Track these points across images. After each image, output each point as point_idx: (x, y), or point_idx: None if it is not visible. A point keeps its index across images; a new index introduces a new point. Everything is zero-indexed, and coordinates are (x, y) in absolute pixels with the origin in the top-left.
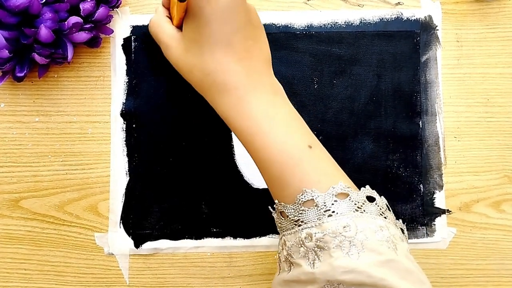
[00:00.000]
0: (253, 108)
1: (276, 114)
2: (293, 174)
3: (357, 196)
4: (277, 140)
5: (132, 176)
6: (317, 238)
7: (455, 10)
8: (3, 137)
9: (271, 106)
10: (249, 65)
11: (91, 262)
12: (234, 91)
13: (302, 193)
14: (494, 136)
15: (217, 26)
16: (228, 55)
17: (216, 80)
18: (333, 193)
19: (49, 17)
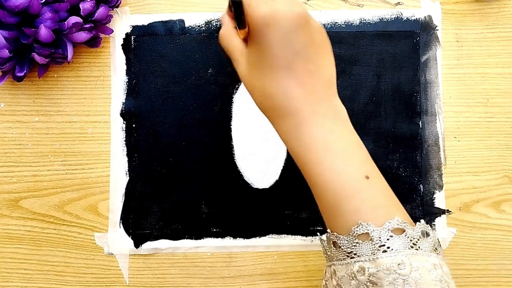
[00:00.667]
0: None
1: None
2: (348, 205)
3: (412, 231)
4: (334, 169)
5: (132, 176)
6: (370, 273)
7: (455, 10)
8: (3, 137)
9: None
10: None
11: (91, 262)
12: (293, 117)
13: (357, 226)
14: (494, 136)
15: (277, 50)
16: (288, 79)
17: (276, 104)
18: (389, 228)
19: (49, 17)
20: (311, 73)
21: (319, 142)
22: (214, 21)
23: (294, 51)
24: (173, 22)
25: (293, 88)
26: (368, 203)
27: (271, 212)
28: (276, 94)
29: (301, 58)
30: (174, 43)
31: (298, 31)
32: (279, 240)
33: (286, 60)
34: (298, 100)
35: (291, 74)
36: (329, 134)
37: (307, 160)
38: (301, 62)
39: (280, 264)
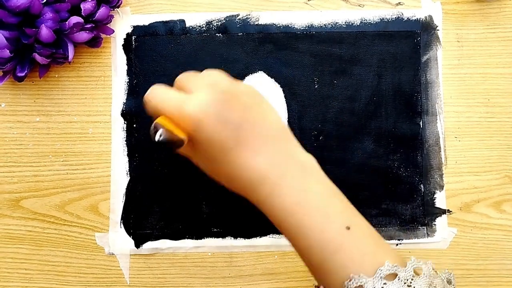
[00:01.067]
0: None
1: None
2: (335, 261)
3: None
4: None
5: (133, 176)
6: None
7: (455, 10)
8: (4, 137)
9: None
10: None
11: (92, 262)
12: (263, 186)
13: (349, 280)
14: (494, 136)
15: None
16: (243, 153)
17: (242, 180)
18: (381, 275)
19: (50, 17)
20: (262, 136)
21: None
22: (215, 21)
23: (234, 126)
24: (174, 22)
25: (252, 159)
26: (354, 254)
27: None
28: (239, 171)
29: (243, 128)
30: (175, 43)
31: (228, 108)
32: (279, 240)
33: (233, 138)
34: (262, 168)
35: (245, 147)
36: (301, 193)
37: (286, 225)
38: (247, 131)
39: (281, 264)
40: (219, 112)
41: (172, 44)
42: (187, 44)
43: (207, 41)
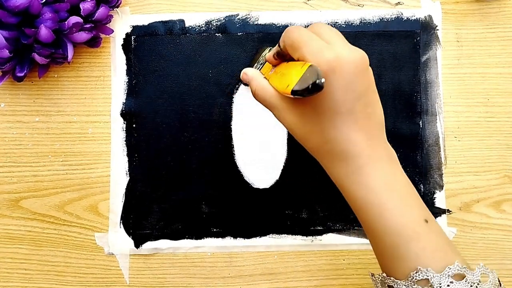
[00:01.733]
0: (372, 178)
1: (394, 185)
2: (409, 249)
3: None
4: (394, 213)
5: (132, 176)
6: None
7: (455, 10)
8: (3, 137)
9: (389, 175)
10: (369, 133)
11: (92, 262)
12: (353, 161)
13: (416, 271)
14: (494, 136)
15: (340, 96)
16: (349, 123)
17: (335, 148)
18: (449, 274)
19: (49, 17)
20: (369, 116)
21: (379, 185)
22: (214, 21)
23: (356, 95)
24: (173, 22)
25: (355, 132)
26: (428, 247)
27: (271, 212)
28: (336, 138)
29: (361, 102)
30: (174, 43)
31: (360, 75)
32: (279, 240)
33: (348, 105)
34: (359, 144)
35: (352, 119)
36: (388, 177)
37: (367, 202)
38: (361, 106)
39: (281, 264)
40: (352, 74)
41: (172, 44)
42: (187, 44)
43: (207, 41)
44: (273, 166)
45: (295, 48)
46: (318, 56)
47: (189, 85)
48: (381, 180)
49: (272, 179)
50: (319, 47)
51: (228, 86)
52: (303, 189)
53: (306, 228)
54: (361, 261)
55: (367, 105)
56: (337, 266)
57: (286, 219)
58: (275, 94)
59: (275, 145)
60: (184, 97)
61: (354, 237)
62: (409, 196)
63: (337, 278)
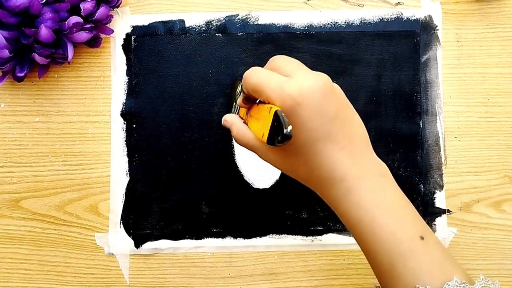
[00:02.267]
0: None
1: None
2: (405, 267)
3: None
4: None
5: (132, 176)
6: None
7: (455, 10)
8: (3, 137)
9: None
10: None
11: (92, 262)
12: (342, 183)
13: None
14: (494, 136)
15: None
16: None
17: (322, 174)
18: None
19: (49, 17)
20: (348, 135)
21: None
22: (214, 21)
23: (328, 118)
24: (173, 22)
25: (337, 154)
26: (424, 264)
27: (272, 212)
28: (321, 164)
29: (337, 123)
30: (174, 43)
31: (327, 98)
32: (279, 240)
33: (324, 129)
34: (344, 165)
35: (332, 141)
36: (378, 193)
37: (359, 222)
38: (338, 126)
39: (281, 264)
40: (318, 101)
41: (172, 44)
42: (187, 44)
43: (207, 41)
44: (273, 166)
45: (257, 92)
46: (280, 94)
47: (189, 85)
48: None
49: (272, 179)
50: (279, 84)
51: (228, 86)
52: (303, 189)
53: (306, 228)
54: (361, 261)
55: (344, 123)
56: (337, 266)
57: (286, 219)
58: (254, 137)
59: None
60: (184, 97)
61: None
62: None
63: (337, 278)
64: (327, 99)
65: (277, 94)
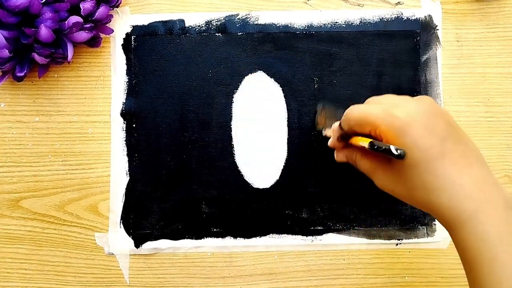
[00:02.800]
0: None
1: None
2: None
3: None
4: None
5: (132, 176)
6: None
7: (455, 9)
8: (3, 137)
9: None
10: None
11: (92, 262)
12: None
13: None
14: (494, 135)
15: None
16: (447, 166)
17: (442, 197)
18: None
19: (49, 16)
20: (465, 154)
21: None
22: (214, 21)
23: (440, 137)
24: (173, 22)
25: (457, 173)
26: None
27: (271, 212)
28: (441, 184)
29: (449, 141)
30: (174, 43)
31: (434, 117)
32: (279, 240)
33: (437, 148)
34: (467, 186)
35: (448, 160)
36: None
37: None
38: (451, 145)
39: (281, 264)
40: (427, 120)
41: (172, 44)
42: (187, 44)
43: (207, 41)
44: (273, 166)
45: (362, 124)
46: (387, 118)
47: (189, 85)
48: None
49: (272, 179)
50: (385, 110)
51: (228, 86)
52: (303, 189)
53: (306, 228)
54: (361, 261)
55: (457, 142)
56: (337, 266)
57: (286, 219)
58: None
59: (275, 145)
60: (184, 97)
61: (354, 237)
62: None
63: (337, 278)
64: (435, 118)
65: (383, 119)
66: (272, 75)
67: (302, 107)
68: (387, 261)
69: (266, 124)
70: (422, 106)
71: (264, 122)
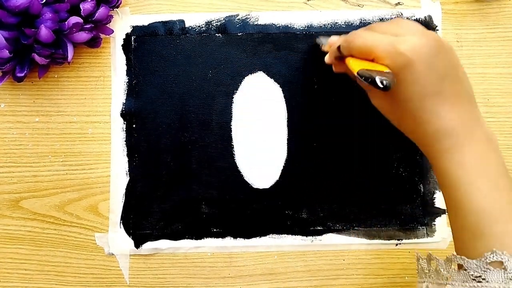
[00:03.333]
0: (465, 157)
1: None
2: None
3: None
4: (483, 193)
5: (132, 176)
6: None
7: (455, 10)
8: (3, 137)
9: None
10: (461, 111)
11: (92, 262)
12: (449, 139)
13: (491, 253)
14: None
15: (424, 80)
16: (440, 103)
17: (428, 129)
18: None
19: (49, 17)
20: (458, 93)
21: (473, 163)
22: (214, 21)
23: (439, 75)
24: (173, 23)
25: (447, 110)
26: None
27: (271, 212)
28: (430, 119)
29: (447, 80)
30: (174, 43)
31: (439, 55)
32: (279, 240)
33: (434, 86)
34: (453, 121)
35: (442, 98)
36: (482, 157)
37: (457, 179)
38: (448, 84)
39: (281, 264)
40: (430, 57)
41: (172, 44)
42: (187, 44)
43: (207, 41)
44: (273, 166)
45: (365, 53)
46: (393, 52)
47: (189, 85)
48: (474, 159)
49: (272, 179)
50: (390, 43)
51: (228, 86)
52: (303, 189)
53: (306, 228)
54: (361, 261)
55: (454, 82)
56: (337, 266)
57: (286, 219)
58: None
59: (275, 145)
60: (184, 97)
61: (354, 237)
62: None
63: (337, 278)
64: (439, 56)
65: (388, 52)
66: (272, 75)
67: (302, 107)
68: (387, 261)
69: (266, 124)
70: (428, 43)
71: (264, 122)
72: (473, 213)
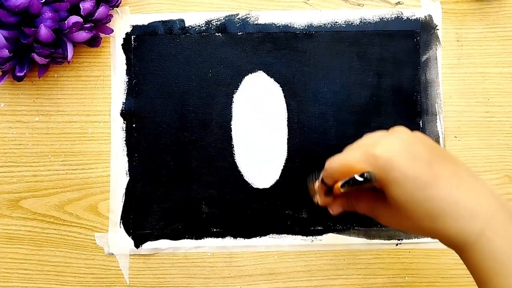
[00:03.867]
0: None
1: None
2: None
3: None
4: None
5: (132, 176)
6: None
7: (455, 9)
8: (3, 136)
9: None
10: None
11: (91, 262)
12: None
13: None
14: (494, 135)
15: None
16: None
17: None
18: None
19: (49, 16)
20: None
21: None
22: (214, 21)
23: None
24: (173, 22)
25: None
26: None
27: (272, 212)
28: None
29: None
30: (174, 42)
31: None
32: (279, 240)
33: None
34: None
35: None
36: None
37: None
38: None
39: (281, 264)
40: (407, 147)
41: (172, 43)
42: (187, 43)
43: (207, 41)
44: (273, 166)
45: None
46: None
47: (189, 85)
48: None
49: (272, 179)
50: (363, 151)
51: (228, 86)
52: (303, 189)
53: (306, 228)
54: (361, 261)
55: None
56: (337, 266)
57: (286, 219)
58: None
59: (275, 145)
60: (184, 96)
61: (354, 237)
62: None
63: (337, 278)
64: (416, 143)
65: (366, 160)
66: (272, 75)
67: (302, 107)
68: (387, 261)
69: (266, 124)
70: (399, 137)
71: (264, 122)
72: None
